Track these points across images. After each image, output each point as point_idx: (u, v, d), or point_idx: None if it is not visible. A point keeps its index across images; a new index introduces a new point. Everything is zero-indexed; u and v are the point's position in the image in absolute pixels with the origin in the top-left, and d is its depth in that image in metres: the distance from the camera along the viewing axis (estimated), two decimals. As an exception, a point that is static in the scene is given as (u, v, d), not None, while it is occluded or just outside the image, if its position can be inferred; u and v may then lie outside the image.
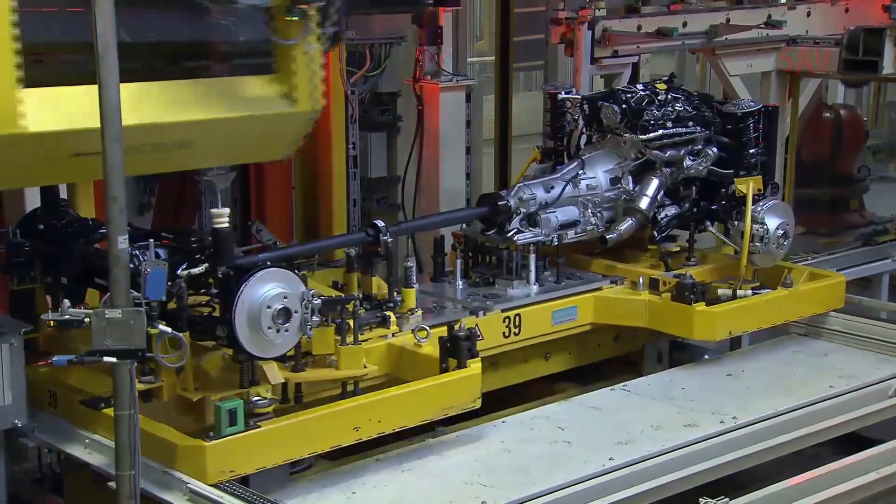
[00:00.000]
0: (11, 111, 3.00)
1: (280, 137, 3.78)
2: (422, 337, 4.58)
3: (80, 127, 3.15)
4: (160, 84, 3.38)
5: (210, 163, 3.92)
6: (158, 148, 3.42)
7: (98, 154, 3.26)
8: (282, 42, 3.45)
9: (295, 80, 3.56)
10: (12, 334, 3.97)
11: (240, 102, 3.49)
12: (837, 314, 5.87)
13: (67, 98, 3.17)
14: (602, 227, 5.55)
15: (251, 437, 3.94)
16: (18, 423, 4.04)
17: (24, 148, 3.11)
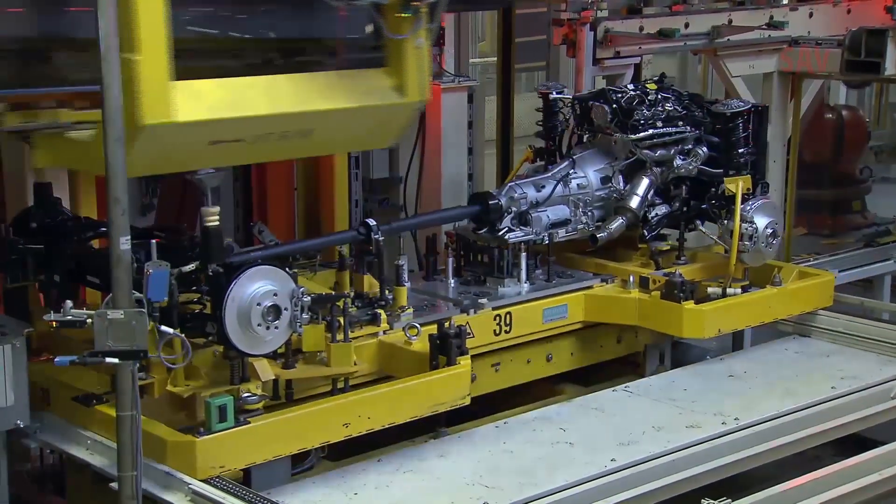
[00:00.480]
0: (165, 103, 3.23)
1: (389, 126, 4.03)
2: (412, 334, 4.61)
3: (219, 117, 3.40)
4: (287, 77, 3.62)
5: (326, 150, 4.40)
6: (283, 137, 3.65)
7: (233, 141, 3.51)
8: (394, 37, 3.67)
9: (405, 72, 3.79)
10: (14, 335, 3.97)
11: (356, 94, 3.73)
12: (839, 315, 5.88)
13: (207, 90, 3.40)
14: (593, 225, 5.59)
15: (241, 433, 3.97)
16: (21, 424, 4.04)
17: (173, 136, 3.35)
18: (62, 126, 3.69)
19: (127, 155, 3.25)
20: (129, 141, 3.25)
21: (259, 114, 3.48)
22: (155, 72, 3.22)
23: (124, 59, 3.15)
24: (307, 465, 4.40)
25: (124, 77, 3.16)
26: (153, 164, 3.74)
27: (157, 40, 3.19)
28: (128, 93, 3.20)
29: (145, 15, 3.18)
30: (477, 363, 5.11)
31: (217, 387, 4.14)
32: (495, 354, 5.21)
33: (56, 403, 4.31)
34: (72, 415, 4.23)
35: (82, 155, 3.68)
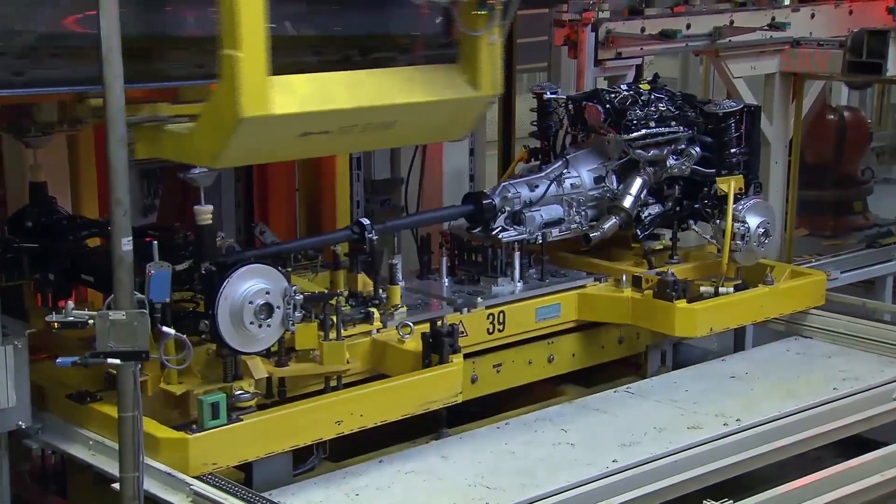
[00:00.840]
0: (262, 96, 3.40)
1: (463, 119, 4.21)
2: (405, 333, 4.63)
3: (310, 110, 3.58)
4: (369, 72, 3.81)
5: (404, 142, 4.69)
6: (366, 129, 3.80)
7: (320, 133, 3.68)
8: (470, 33, 3.84)
9: (479, 67, 3.94)
10: (16, 336, 3.98)
11: (434, 88, 3.91)
12: (841, 316, 5.89)
13: (298, 85, 3.56)
14: (586, 225, 5.61)
15: (234, 431, 4.00)
16: (23, 425, 4.05)
17: (268, 128, 3.51)
18: (161, 119, 3.82)
19: (224, 147, 3.46)
20: (227, 133, 3.42)
21: (345, 107, 3.67)
22: (254, 67, 3.38)
23: (226, 56, 3.33)
24: (308, 465, 4.42)
25: (225, 72, 3.35)
26: (247, 155, 3.92)
27: (257, 38, 3.35)
28: (228, 87, 3.36)
29: (246, 14, 3.33)
30: (478, 364, 5.13)
31: (210, 384, 4.18)
32: (496, 355, 5.22)
33: (51, 401, 4.33)
34: (67, 412, 4.26)
35: (180, 146, 3.81)
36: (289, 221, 6.52)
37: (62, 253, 4.45)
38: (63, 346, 4.46)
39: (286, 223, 6.48)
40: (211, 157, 3.63)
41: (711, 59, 7.36)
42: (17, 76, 3.36)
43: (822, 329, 5.86)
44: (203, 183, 4.10)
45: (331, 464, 4.52)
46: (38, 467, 4.66)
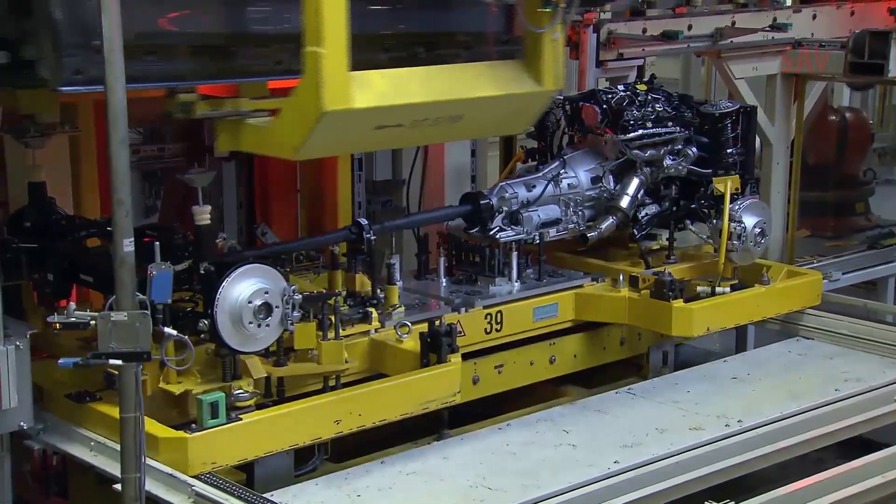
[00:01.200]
0: (343, 91, 3.55)
1: (526, 113, 4.38)
2: (403, 333, 4.65)
3: (386, 104, 3.74)
4: (440, 68, 3.96)
5: (471, 135, 4.89)
6: (436, 122, 3.96)
7: (394, 126, 3.83)
8: (535, 30, 4.00)
9: (543, 63, 4.09)
10: (18, 336, 3.98)
11: (500, 83, 4.06)
12: (843, 317, 5.89)
13: (375, 80, 3.73)
14: (583, 225, 5.63)
15: (233, 430, 4.01)
16: (24, 426, 4.05)
17: (347, 121, 3.67)
18: (242, 114, 3.95)
19: (304, 139, 3.62)
20: (309, 126, 3.58)
21: (419, 101, 3.82)
22: (336, 63, 3.52)
23: (310, 52, 3.49)
24: (310, 466, 4.42)
25: (309, 68, 3.51)
26: (325, 147, 4.08)
27: (339, 35, 3.49)
28: (311, 82, 3.51)
29: (330, 12, 3.46)
30: (480, 365, 5.13)
31: (209, 384, 4.19)
32: (498, 356, 5.23)
33: (50, 401, 4.34)
34: (66, 412, 4.26)
35: (261, 139, 3.96)
36: (290, 222, 6.52)
37: (61, 253, 4.46)
38: (61, 346, 4.47)
39: (288, 224, 6.48)
40: (292, 150, 3.75)
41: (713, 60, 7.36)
42: None
43: (823, 330, 5.86)
44: (201, 183, 4.11)
45: (333, 465, 4.52)
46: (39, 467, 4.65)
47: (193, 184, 4.10)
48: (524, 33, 4.09)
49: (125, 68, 3.34)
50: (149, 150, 6.41)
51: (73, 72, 3.45)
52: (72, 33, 3.38)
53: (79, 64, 3.43)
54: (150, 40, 3.54)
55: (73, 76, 3.46)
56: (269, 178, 6.54)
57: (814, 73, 7.04)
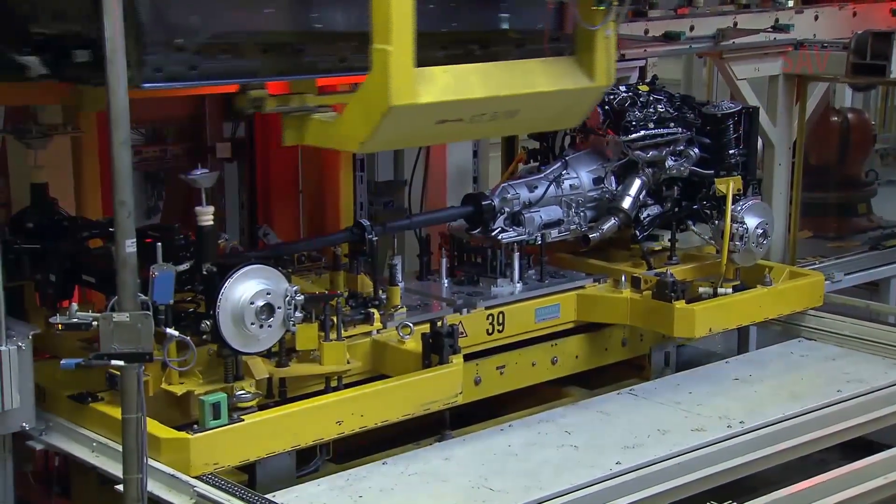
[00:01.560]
0: (409, 87, 3.68)
1: (578, 107, 4.49)
2: (405, 333, 4.66)
3: (448, 99, 3.87)
4: (496, 64, 4.08)
5: (525, 129, 4.95)
6: (493, 117, 4.08)
7: (454, 121, 3.96)
8: (588, 27, 4.12)
9: (596, 59, 4.21)
10: (21, 337, 3.98)
11: (555, 78, 4.18)
12: (845, 318, 5.88)
13: (437, 76, 3.84)
14: (585, 226, 5.64)
15: (235, 431, 4.02)
16: (27, 427, 4.05)
17: (411, 116, 3.80)
18: (308, 109, 4.11)
19: (370, 133, 3.76)
20: (375, 120, 3.72)
21: (479, 96, 3.95)
22: (402, 60, 3.64)
23: (378, 49, 3.62)
24: (312, 467, 4.42)
25: (376, 64, 3.64)
26: (389, 141, 4.25)
27: (406, 32, 3.61)
28: (379, 78, 3.65)
29: (397, 11, 3.59)
30: (482, 366, 5.13)
31: (211, 385, 4.20)
32: (500, 357, 5.23)
33: (52, 402, 4.35)
34: (68, 413, 4.27)
35: (326, 133, 4.10)
36: (292, 223, 6.53)
37: (63, 254, 4.47)
38: (63, 347, 4.48)
39: (289, 224, 6.48)
40: (358, 143, 3.89)
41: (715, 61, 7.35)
42: (192, 70, 3.62)
43: (826, 331, 5.86)
44: (204, 184, 4.11)
45: (335, 465, 4.53)
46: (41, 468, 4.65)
47: (196, 184, 4.10)
48: (577, 30, 4.20)
49: (204, 66, 3.53)
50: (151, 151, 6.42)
51: (154, 69, 3.56)
52: (154, 32, 3.51)
53: (159, 62, 3.55)
54: (225, 39, 3.69)
55: (154, 74, 3.57)
56: (271, 178, 6.54)
57: (815, 74, 7.03)
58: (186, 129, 6.55)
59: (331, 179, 6.31)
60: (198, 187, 4.12)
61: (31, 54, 3.74)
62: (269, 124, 6.56)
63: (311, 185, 6.42)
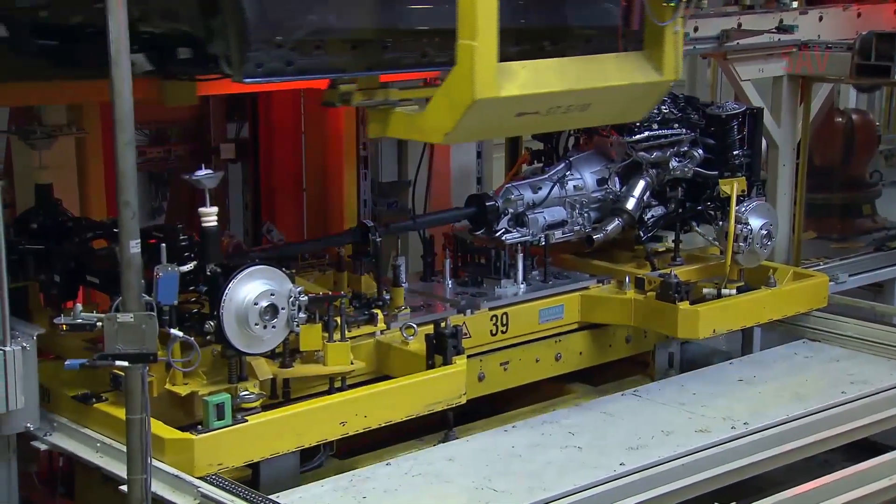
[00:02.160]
0: (492, 81, 3.81)
1: (645, 100, 4.62)
2: (409, 334, 4.67)
3: (527, 92, 4.00)
4: (571, 59, 4.24)
5: (595, 122, 5.06)
6: (567, 110, 4.23)
7: (532, 114, 4.09)
8: (659, 23, 4.26)
9: (664, 54, 4.34)
10: (25, 338, 3.98)
11: (625, 72, 4.31)
12: (850, 320, 5.87)
13: (517, 70, 3.98)
14: (589, 227, 5.65)
15: (239, 431, 4.02)
16: (31, 427, 4.06)
17: (493, 109, 3.94)
18: (392, 102, 4.27)
19: (454, 125, 3.91)
20: (460, 112, 3.87)
21: (556, 90, 4.09)
22: (487, 55, 3.78)
23: (464, 45, 3.77)
24: (316, 462, 4.44)
25: (462, 59, 3.79)
26: (472, 132, 4.42)
27: (491, 29, 3.76)
28: (464, 72, 3.80)
29: (483, 8, 3.73)
30: (486, 362, 5.14)
31: (215, 385, 4.20)
32: (504, 353, 5.23)
33: (56, 402, 4.36)
34: (72, 413, 4.28)
35: (409, 126, 4.24)
36: (296, 222, 6.54)
37: (67, 254, 4.48)
38: (68, 347, 4.48)
39: (293, 224, 6.49)
40: (442, 134, 4.03)
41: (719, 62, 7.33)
42: (289, 66, 3.77)
43: (830, 332, 5.86)
44: (208, 185, 4.12)
45: (338, 461, 4.54)
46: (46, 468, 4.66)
47: (200, 185, 4.11)
48: (647, 26, 4.34)
49: (299, 62, 3.72)
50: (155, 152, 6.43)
51: (255, 65, 3.70)
52: (257, 30, 3.66)
53: (260, 58, 3.70)
54: (319, 36, 3.84)
55: (255, 69, 3.71)
56: (274, 179, 6.55)
57: (819, 75, 7.02)
58: (190, 131, 6.56)
59: (334, 177, 6.33)
60: (202, 188, 4.12)
61: (137, 52, 3.88)
62: (273, 125, 6.58)
63: (314, 184, 6.43)
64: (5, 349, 3.87)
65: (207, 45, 3.77)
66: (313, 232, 6.40)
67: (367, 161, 6.47)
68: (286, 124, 6.52)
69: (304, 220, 6.58)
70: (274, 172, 6.56)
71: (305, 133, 6.51)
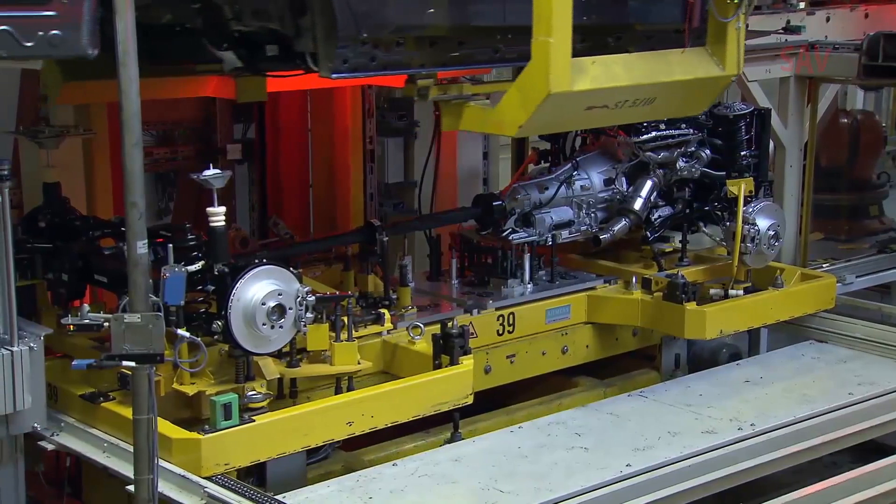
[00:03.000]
0: (566, 75, 3.96)
1: (707, 95, 4.77)
2: (416, 334, 4.67)
3: (597, 87, 4.15)
4: (638, 55, 4.39)
5: (658, 116, 5.25)
6: (633, 104, 4.38)
7: (600, 107, 4.25)
8: (722, 20, 4.41)
9: (727, 49, 4.48)
10: (32, 338, 3.99)
11: (689, 67, 4.45)
12: (857, 321, 5.86)
13: (588, 65, 4.11)
14: (596, 227, 5.65)
15: (246, 431, 4.03)
16: (38, 427, 4.06)
17: (565, 102, 4.09)
18: (465, 97, 4.45)
19: (527, 118, 4.05)
20: (534, 105, 4.01)
21: (624, 84, 4.24)
22: (561, 50, 3.92)
23: (539, 41, 3.90)
24: (322, 455, 4.45)
25: (537, 54, 3.93)
26: (543, 125, 4.57)
27: (565, 25, 3.90)
28: (539, 67, 3.94)
29: (558, 5, 3.86)
30: (492, 355, 5.15)
31: (222, 385, 4.21)
32: (510, 346, 5.24)
33: (63, 401, 4.37)
34: (80, 412, 4.29)
35: (481, 119, 4.38)
36: (303, 221, 6.54)
37: (75, 253, 4.48)
38: (75, 346, 4.49)
39: (300, 222, 6.49)
40: (515, 127, 4.17)
41: (726, 63, 7.32)
42: (372, 61, 3.95)
43: (837, 333, 5.85)
44: (216, 185, 4.12)
45: (344, 453, 4.55)
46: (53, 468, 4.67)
47: (208, 185, 4.11)
48: (710, 22, 4.47)
49: (381, 58, 3.92)
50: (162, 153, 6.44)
51: (342, 61, 3.87)
52: (346, 27, 3.81)
53: (347, 54, 3.87)
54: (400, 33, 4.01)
55: (341, 65, 3.88)
56: (281, 179, 6.56)
57: (827, 76, 7.01)
58: (197, 132, 6.57)
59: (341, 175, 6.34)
60: (210, 188, 4.12)
61: (227, 49, 4.13)
62: (279, 125, 6.58)
63: (321, 182, 6.44)
64: (12, 349, 3.88)
65: (294, 43, 3.93)
66: (320, 228, 6.41)
67: (373, 153, 6.47)
68: (293, 124, 6.53)
69: (310, 219, 6.58)
70: (281, 172, 6.57)
71: (312, 131, 6.52)
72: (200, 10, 4.00)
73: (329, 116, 6.33)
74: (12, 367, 3.88)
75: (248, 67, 4.29)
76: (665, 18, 4.63)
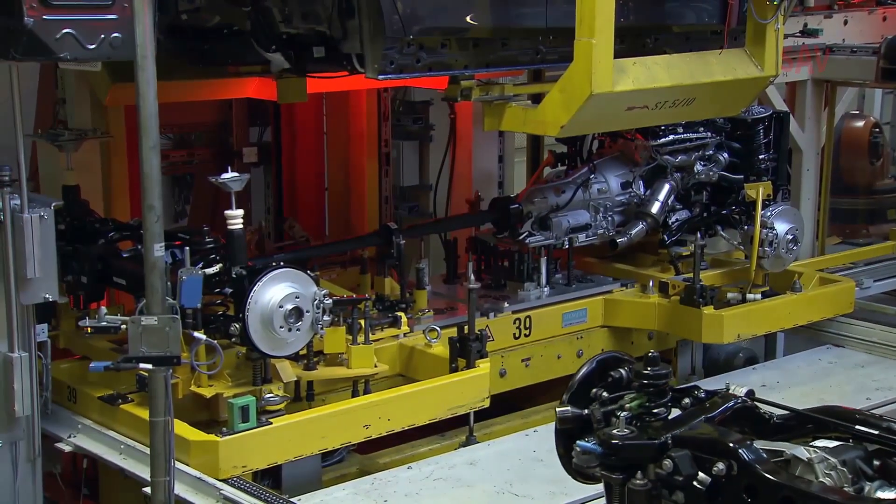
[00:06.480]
0: (608, 76, 4.04)
1: (746, 95, 4.82)
2: (432, 337, 4.68)
3: (638, 87, 4.22)
4: (679, 56, 4.48)
5: (697, 116, 5.25)
6: (673, 104, 4.44)
7: (640, 108, 4.31)
8: (761, 21, 4.46)
9: (765, 50, 4.54)
10: (44, 208, 3.91)
11: (728, 68, 4.50)
12: (875, 325, 5.83)
13: (629, 66, 4.19)
14: (613, 230, 5.64)
15: (263, 434, 4.04)
16: (49, 298, 3.96)
17: (607, 102, 4.15)
18: (507, 98, 4.48)
19: (569, 118, 4.12)
20: (576, 106, 4.09)
21: (665, 85, 4.30)
22: (604, 52, 4.00)
23: (583, 42, 3.99)
24: (337, 457, 4.46)
25: (580, 56, 4.02)
26: (585, 125, 4.61)
27: (608, 27, 3.98)
28: (582, 68, 4.03)
29: (601, 9, 3.93)
30: (507, 358, 5.15)
31: (240, 387, 4.22)
32: (525, 350, 5.24)
33: (82, 402, 4.39)
34: (99, 413, 4.31)
35: (523, 119, 4.43)
36: (318, 223, 6.55)
37: (94, 255, 4.49)
38: (94, 347, 4.51)
39: (316, 225, 6.51)
40: (557, 127, 4.24)
41: (743, 66, 7.29)
42: (417, 62, 4.03)
43: (855, 338, 5.81)
44: (234, 188, 4.13)
45: (360, 455, 4.56)
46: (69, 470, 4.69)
47: (226, 188, 4.11)
48: (749, 23, 4.50)
49: (426, 59, 3.99)
50: (178, 156, 6.46)
51: (389, 62, 3.95)
52: (393, 29, 3.89)
53: (394, 56, 3.96)
54: (444, 35, 4.10)
55: (388, 66, 3.96)
56: (297, 181, 6.57)
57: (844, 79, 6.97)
58: (213, 135, 6.59)
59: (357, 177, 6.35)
60: (228, 191, 4.12)
61: (275, 51, 4.21)
62: (295, 128, 6.60)
63: (336, 184, 6.45)
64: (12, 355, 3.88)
65: (341, 45, 4.00)
66: (335, 231, 6.42)
67: (388, 156, 6.48)
68: (308, 126, 6.54)
69: (325, 221, 6.60)
70: (296, 175, 6.58)
71: (327, 134, 6.54)
72: (250, 12, 4.07)
73: (344, 119, 6.34)
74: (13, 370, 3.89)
75: (295, 69, 4.35)
76: (702, 20, 4.67)
